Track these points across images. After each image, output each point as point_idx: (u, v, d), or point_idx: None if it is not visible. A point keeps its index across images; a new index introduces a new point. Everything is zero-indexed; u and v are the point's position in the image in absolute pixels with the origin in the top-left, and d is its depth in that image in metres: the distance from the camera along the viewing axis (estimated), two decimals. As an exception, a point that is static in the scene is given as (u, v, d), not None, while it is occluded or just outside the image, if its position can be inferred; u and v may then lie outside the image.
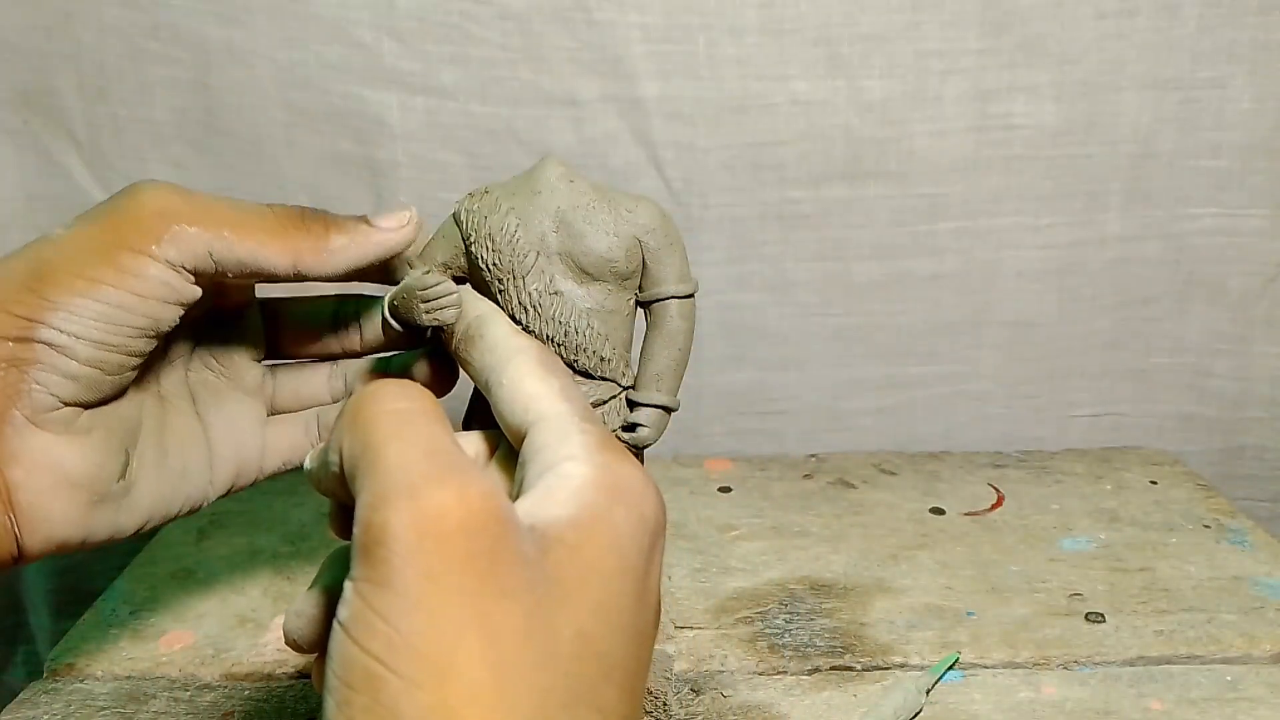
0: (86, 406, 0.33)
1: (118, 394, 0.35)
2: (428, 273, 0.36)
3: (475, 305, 0.34)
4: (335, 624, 0.23)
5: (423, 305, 0.35)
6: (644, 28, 0.60)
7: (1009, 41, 0.61)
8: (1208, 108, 0.62)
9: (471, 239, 0.37)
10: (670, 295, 0.38)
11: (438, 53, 0.60)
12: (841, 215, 0.64)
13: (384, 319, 0.37)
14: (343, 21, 0.60)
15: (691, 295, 0.39)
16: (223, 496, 0.40)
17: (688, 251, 0.39)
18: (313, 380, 0.42)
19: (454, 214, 0.38)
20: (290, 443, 0.41)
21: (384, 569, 0.22)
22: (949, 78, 0.61)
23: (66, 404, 0.33)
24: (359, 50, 0.60)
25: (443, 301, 0.35)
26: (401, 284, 0.36)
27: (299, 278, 0.35)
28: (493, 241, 0.37)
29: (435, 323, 0.35)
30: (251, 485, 0.41)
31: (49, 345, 0.32)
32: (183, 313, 0.34)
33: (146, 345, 0.34)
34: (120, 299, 0.32)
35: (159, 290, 0.33)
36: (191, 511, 0.38)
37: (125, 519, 0.36)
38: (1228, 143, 0.63)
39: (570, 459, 0.27)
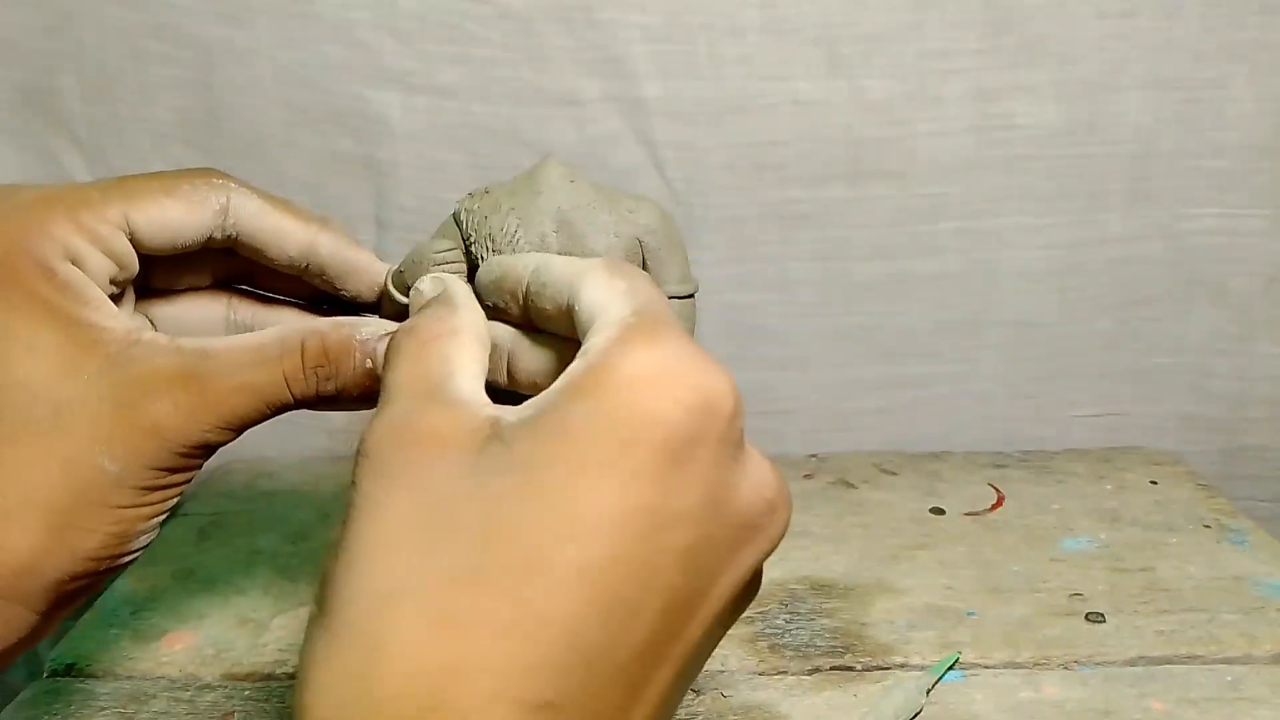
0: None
1: None
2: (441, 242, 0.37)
3: (521, 262, 0.31)
4: None
5: (434, 270, 0.35)
6: (645, 28, 0.60)
7: (1010, 42, 0.61)
8: (1209, 108, 0.62)
9: (471, 239, 0.37)
10: (671, 295, 0.38)
11: (439, 52, 0.60)
12: (842, 215, 0.64)
13: (385, 291, 0.37)
14: (344, 21, 0.60)
15: (692, 295, 0.39)
16: None
17: (689, 252, 0.39)
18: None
19: (454, 214, 0.38)
20: None
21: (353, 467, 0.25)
22: (950, 78, 0.61)
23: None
24: (360, 50, 0.60)
25: (453, 269, 0.35)
26: (409, 253, 0.36)
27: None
28: (493, 242, 0.37)
29: None
30: None
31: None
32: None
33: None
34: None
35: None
36: None
37: None
38: (1229, 143, 0.63)
39: (584, 353, 0.25)
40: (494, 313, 0.32)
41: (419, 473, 0.24)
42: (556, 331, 0.30)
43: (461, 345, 0.27)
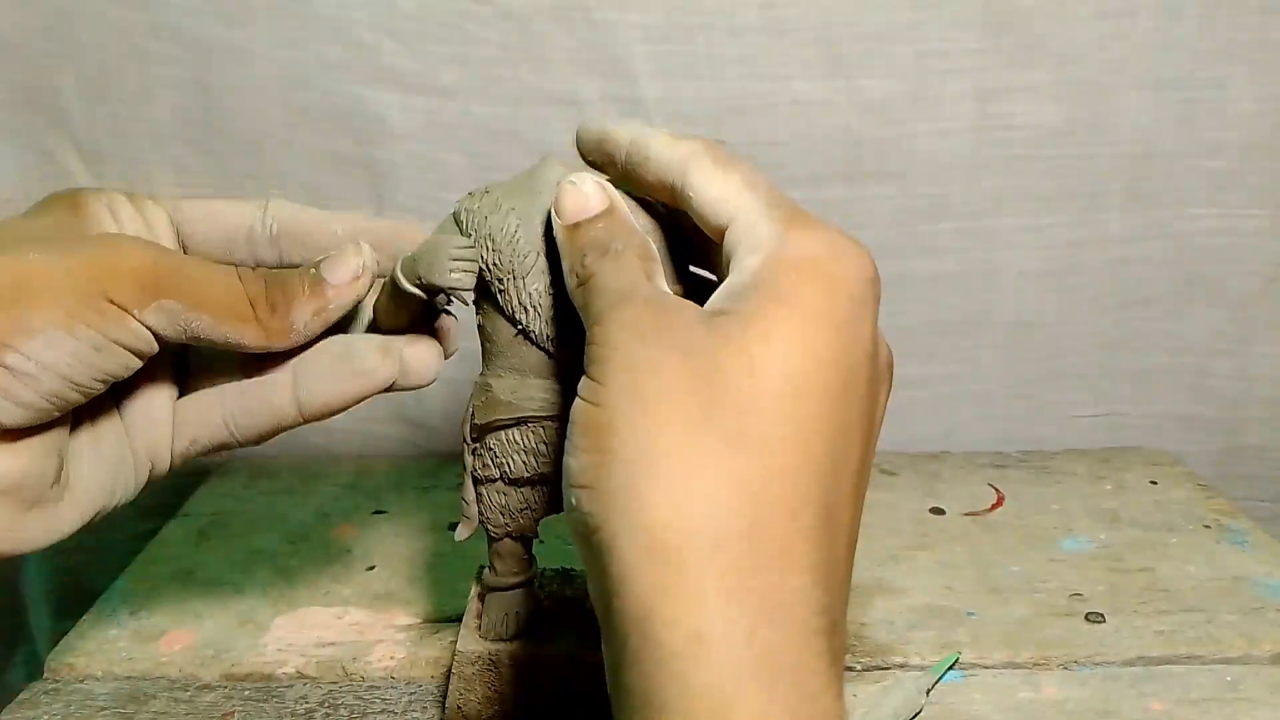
0: (21, 434, 0.32)
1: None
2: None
3: (618, 130, 0.34)
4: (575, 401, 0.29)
5: (450, 264, 0.35)
6: (644, 27, 0.60)
7: (1010, 41, 0.61)
8: (1208, 108, 0.62)
9: (471, 239, 0.37)
10: (670, 295, 0.38)
11: (438, 52, 0.60)
12: (842, 215, 0.63)
13: (393, 278, 0.36)
14: (343, 21, 0.60)
15: (691, 295, 0.39)
16: (140, 491, 0.37)
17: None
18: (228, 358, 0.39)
19: (454, 214, 0.38)
20: (198, 423, 0.37)
21: (592, 349, 0.29)
22: (949, 78, 0.61)
23: (4, 428, 0.31)
24: (359, 50, 0.60)
25: (466, 265, 0.35)
26: (425, 243, 0.36)
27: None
28: (493, 241, 0.37)
29: (456, 284, 0.35)
30: (167, 472, 0.38)
31: (11, 370, 0.30)
32: (140, 365, 0.33)
33: (102, 388, 0.33)
34: (97, 341, 0.31)
35: (134, 343, 0.32)
36: (119, 507, 0.36)
37: (64, 518, 0.34)
38: (1228, 143, 0.63)
39: (750, 251, 0.29)
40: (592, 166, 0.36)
41: (679, 339, 0.27)
42: (655, 199, 0.35)
43: (649, 253, 0.31)
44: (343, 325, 0.38)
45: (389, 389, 0.37)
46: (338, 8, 0.59)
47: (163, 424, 0.37)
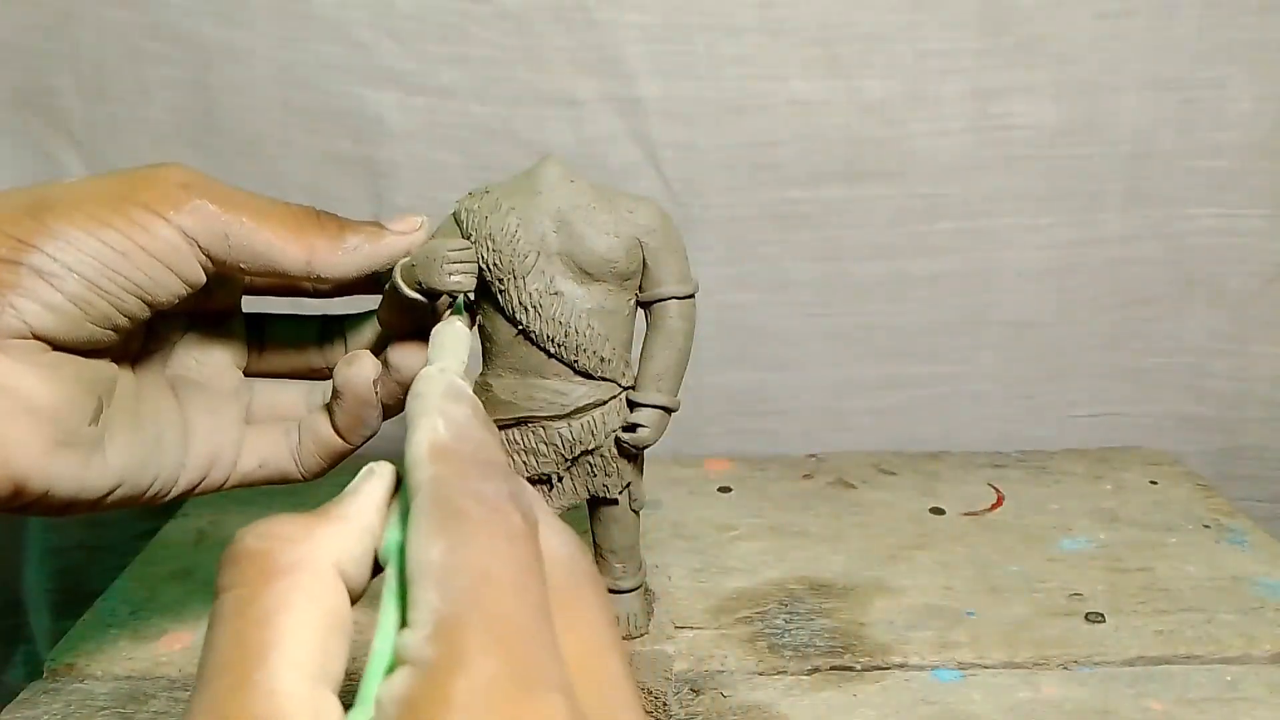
0: (56, 346, 0.32)
1: (92, 352, 0.33)
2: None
3: (420, 399, 0.27)
4: None
5: (447, 267, 0.35)
6: (643, 27, 0.60)
7: (1008, 41, 0.61)
8: (1207, 108, 0.62)
9: (472, 239, 0.37)
10: (670, 296, 0.39)
11: (437, 52, 0.60)
12: (840, 215, 0.64)
13: (393, 284, 0.36)
14: (342, 21, 0.60)
15: (691, 296, 0.39)
16: (194, 489, 0.38)
17: (687, 252, 0.39)
18: (291, 394, 0.41)
19: (454, 214, 0.38)
20: (268, 447, 0.39)
21: None
22: (948, 78, 0.61)
23: (36, 336, 0.31)
24: (358, 50, 0.60)
25: (464, 267, 0.35)
26: (421, 249, 0.36)
27: (311, 277, 0.35)
28: (493, 241, 0.37)
29: (456, 286, 0.35)
30: (223, 487, 0.39)
31: (37, 271, 0.31)
32: (181, 294, 0.33)
33: (137, 309, 0.33)
34: (123, 245, 0.32)
35: (165, 252, 0.32)
36: (162, 494, 0.36)
37: (94, 474, 0.33)
38: (1227, 143, 0.63)
39: (388, 682, 0.20)
40: None
41: None
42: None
43: (304, 613, 0.22)
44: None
45: (395, 403, 0.38)
46: (337, 8, 0.59)
47: (228, 436, 0.38)
